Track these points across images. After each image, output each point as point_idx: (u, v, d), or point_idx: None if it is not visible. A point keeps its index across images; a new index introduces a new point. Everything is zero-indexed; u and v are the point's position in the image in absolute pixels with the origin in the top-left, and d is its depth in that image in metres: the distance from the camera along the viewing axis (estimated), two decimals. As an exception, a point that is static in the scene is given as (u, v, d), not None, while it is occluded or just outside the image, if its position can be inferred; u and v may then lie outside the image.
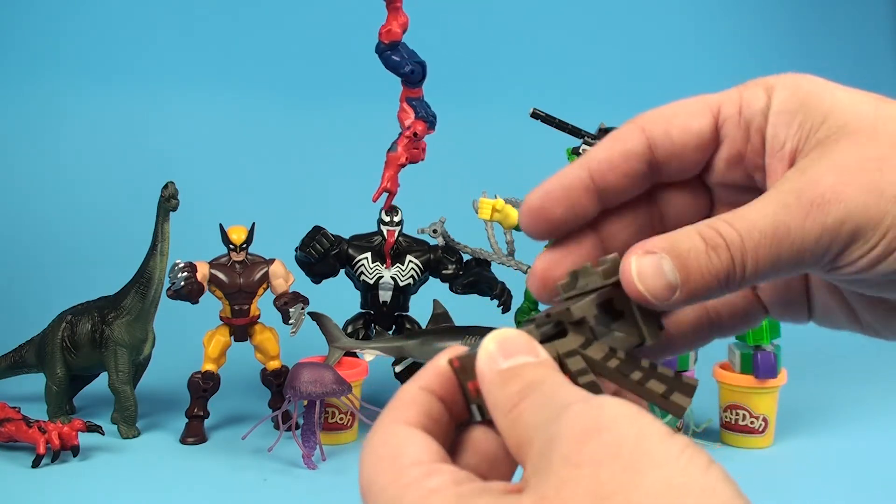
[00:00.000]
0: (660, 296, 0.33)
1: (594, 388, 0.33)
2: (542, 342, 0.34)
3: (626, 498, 0.27)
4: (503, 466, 0.34)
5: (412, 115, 1.35)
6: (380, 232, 1.41)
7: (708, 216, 0.37)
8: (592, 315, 0.35)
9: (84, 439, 1.24)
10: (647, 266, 0.33)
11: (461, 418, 0.35)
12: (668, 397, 0.34)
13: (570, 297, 0.36)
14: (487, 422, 0.35)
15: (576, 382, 0.33)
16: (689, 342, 0.39)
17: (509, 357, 0.33)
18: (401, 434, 0.33)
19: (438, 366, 0.35)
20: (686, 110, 0.36)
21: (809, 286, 0.38)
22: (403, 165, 1.36)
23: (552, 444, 0.29)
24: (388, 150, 1.36)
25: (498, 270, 1.46)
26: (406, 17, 1.33)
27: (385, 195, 1.39)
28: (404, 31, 1.33)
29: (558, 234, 0.37)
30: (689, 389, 0.34)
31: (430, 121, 1.34)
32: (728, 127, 0.36)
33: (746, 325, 0.40)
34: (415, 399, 0.34)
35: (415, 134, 1.35)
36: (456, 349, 0.35)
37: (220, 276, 1.33)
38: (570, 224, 0.37)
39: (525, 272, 1.42)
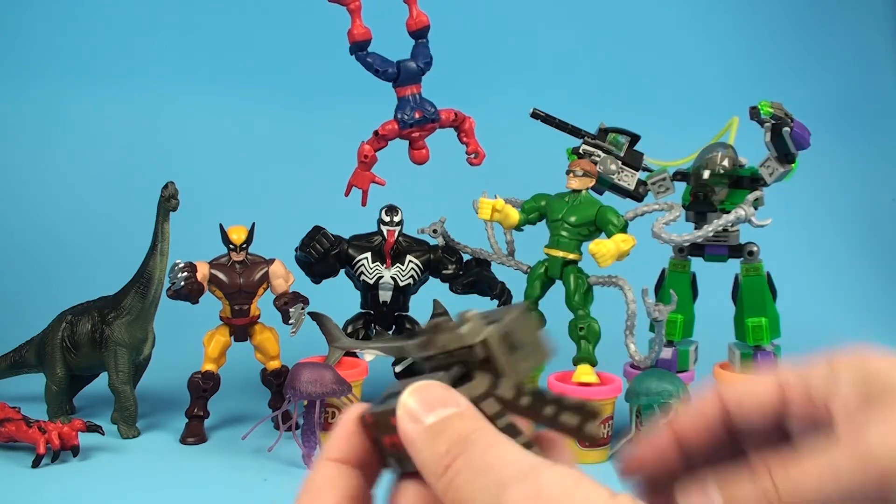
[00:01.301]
0: None
1: (512, 430, 0.33)
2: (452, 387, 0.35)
3: None
4: None
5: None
6: (380, 232, 1.41)
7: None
8: (500, 352, 0.35)
9: (84, 439, 1.24)
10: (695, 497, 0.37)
11: (376, 474, 0.35)
12: (582, 428, 0.34)
13: (430, 355, 0.36)
14: (409, 474, 0.34)
15: (494, 426, 0.34)
16: None
17: (431, 410, 0.32)
18: None
19: (347, 427, 0.35)
20: (758, 389, 0.40)
21: None
22: (364, 162, 1.36)
23: None
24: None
25: (498, 270, 1.46)
26: (425, 16, 1.33)
27: (365, 194, 1.39)
28: (418, 30, 1.33)
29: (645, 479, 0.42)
30: (592, 416, 0.35)
31: (405, 121, 1.34)
32: (795, 402, 0.39)
33: None
34: (332, 481, 0.34)
35: (375, 132, 1.35)
36: (360, 406, 0.35)
37: (220, 276, 1.33)
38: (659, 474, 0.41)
39: (525, 272, 1.42)
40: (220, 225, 1.34)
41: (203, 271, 1.32)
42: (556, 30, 2.33)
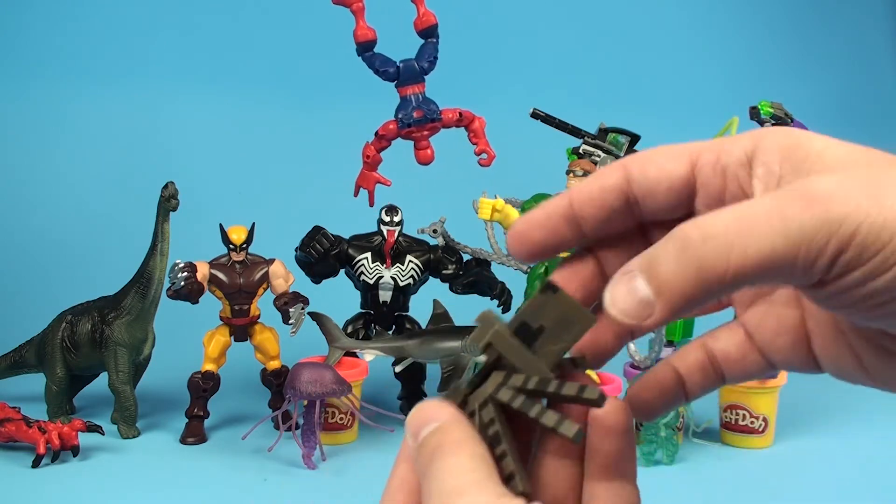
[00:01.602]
0: (635, 315, 0.31)
1: (496, 440, 0.34)
2: (472, 391, 0.36)
3: None
4: None
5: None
6: (380, 232, 1.41)
7: None
8: (508, 348, 0.35)
9: (84, 439, 1.24)
10: (619, 288, 0.32)
11: None
12: (557, 429, 0.34)
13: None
14: None
15: (485, 434, 0.34)
16: (696, 391, 0.39)
17: (420, 429, 0.34)
18: None
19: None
20: (666, 154, 0.36)
21: (808, 331, 0.37)
22: (367, 162, 1.38)
23: None
24: None
25: (498, 270, 1.46)
26: (432, 15, 1.34)
27: (371, 194, 1.41)
28: (424, 29, 1.34)
29: (541, 256, 0.38)
30: (593, 402, 0.35)
31: (404, 121, 1.35)
32: (704, 173, 0.35)
33: (752, 377, 0.39)
34: (404, 479, 0.35)
35: (376, 133, 1.37)
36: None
37: (220, 276, 1.33)
38: (551, 248, 0.37)
39: (525, 272, 1.42)
40: (220, 225, 1.34)
41: (203, 271, 1.32)
42: (556, 30, 2.34)
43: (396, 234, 1.40)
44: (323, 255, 1.40)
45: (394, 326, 1.44)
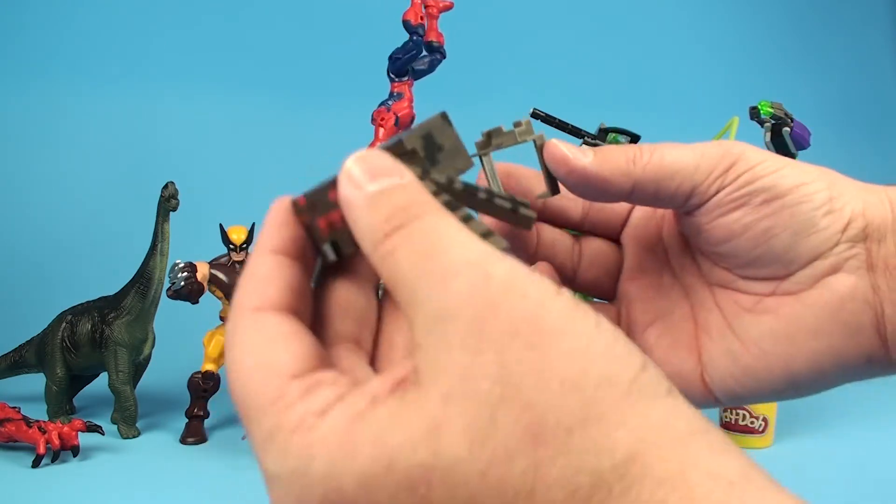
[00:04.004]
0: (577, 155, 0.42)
1: (451, 206, 0.32)
2: None
3: (538, 378, 0.26)
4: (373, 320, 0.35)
5: None
6: (380, 232, 1.41)
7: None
8: (420, 146, 0.34)
9: (84, 439, 1.24)
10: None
11: (312, 268, 0.34)
12: (516, 211, 0.34)
13: (482, 154, 0.41)
14: (340, 263, 0.34)
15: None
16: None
17: (375, 178, 0.31)
18: (269, 330, 0.31)
19: (279, 216, 0.33)
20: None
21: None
22: None
23: (445, 323, 0.27)
24: None
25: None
26: (411, 9, 1.34)
27: None
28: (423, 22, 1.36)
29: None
30: (523, 222, 0.36)
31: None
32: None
33: None
34: (273, 272, 0.32)
35: None
36: (288, 196, 0.34)
37: (221, 276, 1.33)
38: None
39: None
40: (220, 225, 1.34)
41: (203, 271, 1.32)
42: (557, 30, 2.33)
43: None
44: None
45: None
